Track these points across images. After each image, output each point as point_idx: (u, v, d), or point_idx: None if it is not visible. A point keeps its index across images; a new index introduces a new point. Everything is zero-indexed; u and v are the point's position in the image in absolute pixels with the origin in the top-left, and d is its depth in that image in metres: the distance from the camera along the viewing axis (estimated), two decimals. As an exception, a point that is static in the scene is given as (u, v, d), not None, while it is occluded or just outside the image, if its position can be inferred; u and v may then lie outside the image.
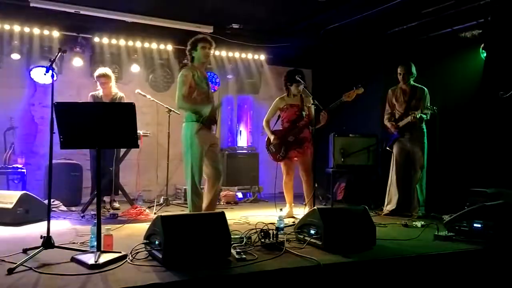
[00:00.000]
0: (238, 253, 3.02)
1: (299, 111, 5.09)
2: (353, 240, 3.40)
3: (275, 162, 5.26)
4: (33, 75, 5.95)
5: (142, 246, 3.09)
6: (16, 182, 5.49)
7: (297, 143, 5.06)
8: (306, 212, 4.14)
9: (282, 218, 4.03)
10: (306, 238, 3.46)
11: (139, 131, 4.33)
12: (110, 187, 5.34)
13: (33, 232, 3.88)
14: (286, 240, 3.46)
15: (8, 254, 2.97)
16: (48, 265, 2.77)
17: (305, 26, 6.22)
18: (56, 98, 3.09)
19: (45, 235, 3.00)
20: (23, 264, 2.70)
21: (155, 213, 5.00)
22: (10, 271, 2.58)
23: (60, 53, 3.40)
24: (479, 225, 3.78)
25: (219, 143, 4.56)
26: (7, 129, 5.70)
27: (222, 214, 3.19)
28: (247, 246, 3.29)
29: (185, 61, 6.76)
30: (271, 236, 3.40)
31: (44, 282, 2.48)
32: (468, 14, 5.30)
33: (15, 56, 5.84)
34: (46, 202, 4.28)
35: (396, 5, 5.37)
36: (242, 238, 3.40)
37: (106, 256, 2.85)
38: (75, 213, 5.06)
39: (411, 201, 5.28)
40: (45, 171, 5.91)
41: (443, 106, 5.44)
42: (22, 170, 5.45)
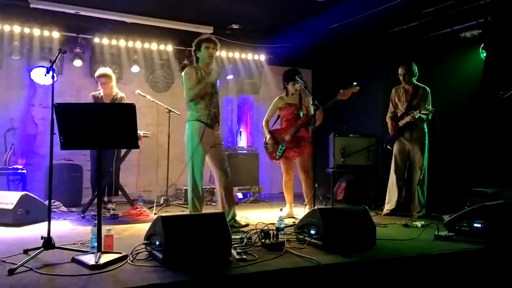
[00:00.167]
0: (239, 254, 3.02)
1: (297, 110, 5.10)
2: (353, 240, 3.40)
3: (276, 163, 5.28)
4: (33, 76, 5.95)
5: (143, 247, 3.09)
6: (17, 183, 5.49)
7: (295, 143, 5.07)
8: (306, 212, 4.15)
9: (282, 218, 4.04)
10: (307, 238, 3.46)
11: (139, 132, 4.32)
12: (110, 188, 5.34)
13: (34, 233, 3.88)
14: (286, 240, 3.46)
15: (9, 255, 2.97)
16: (49, 266, 2.78)
17: (305, 26, 6.22)
18: (56, 99, 3.10)
19: (46, 236, 3.00)
20: (24, 265, 2.70)
21: (155, 214, 5.00)
22: (11, 272, 2.59)
23: (61, 54, 3.40)
24: (479, 225, 3.78)
25: (223, 143, 4.53)
26: (8, 130, 5.71)
27: (222, 215, 3.20)
28: (248, 247, 3.29)
29: (185, 62, 6.78)
30: (272, 237, 3.40)
31: (45, 283, 2.49)
32: (468, 14, 5.29)
33: (15, 57, 5.84)
34: (47, 203, 4.28)
35: (396, 5, 5.37)
36: (243, 239, 3.40)
37: (107, 257, 2.85)
38: (76, 214, 5.06)
39: (411, 201, 5.28)
40: (46, 172, 5.92)
41: (443, 106, 5.45)
42: (23, 171, 5.45)
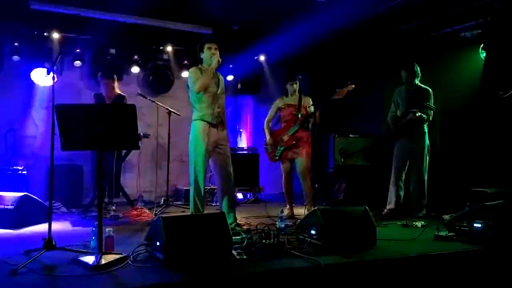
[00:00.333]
0: (239, 254, 3.03)
1: (296, 111, 5.10)
2: (354, 240, 3.40)
3: (276, 163, 5.28)
4: (33, 77, 5.95)
5: (143, 248, 3.10)
6: (17, 184, 5.49)
7: (293, 143, 5.06)
8: (307, 213, 4.15)
9: (283, 219, 4.04)
10: (307, 239, 3.47)
11: (140, 133, 4.33)
12: (110, 189, 5.32)
13: (35, 234, 3.88)
14: (287, 241, 3.46)
15: (10, 256, 2.98)
16: (50, 267, 2.78)
17: (305, 27, 6.22)
18: (56, 100, 3.11)
19: (47, 237, 3.00)
20: (26, 266, 2.71)
21: (156, 214, 5.01)
22: (13, 273, 2.60)
23: (61, 55, 3.41)
24: (480, 225, 3.78)
25: (229, 144, 4.51)
26: (8, 131, 5.71)
27: (223, 215, 3.20)
28: (248, 247, 3.27)
29: (185, 62, 6.79)
30: (272, 237, 3.41)
31: (46, 284, 2.49)
32: (468, 14, 5.30)
33: (16, 58, 5.84)
34: (47, 204, 4.29)
35: (396, 6, 5.38)
36: (243, 239, 3.40)
37: (108, 258, 2.86)
38: (76, 215, 5.06)
39: (412, 201, 5.29)
40: (46, 173, 5.92)
41: (443, 106, 5.45)
42: (23, 172, 5.46)
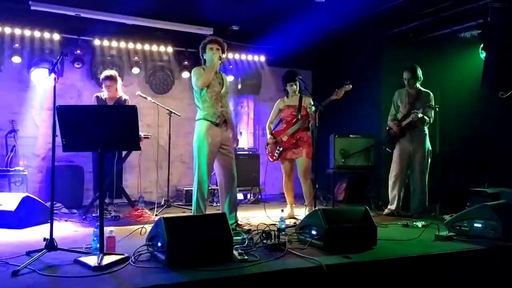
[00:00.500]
0: (240, 254, 3.04)
1: (295, 112, 5.12)
2: (354, 241, 3.41)
3: (277, 163, 5.29)
4: (33, 78, 5.95)
5: (145, 248, 3.11)
6: (18, 185, 5.50)
7: (292, 144, 5.07)
8: (307, 213, 4.16)
9: (284, 219, 4.05)
10: (308, 239, 3.47)
11: (140, 133, 4.33)
12: (111, 190, 5.32)
13: (36, 235, 3.88)
14: (288, 241, 3.47)
15: (12, 257, 2.99)
16: (52, 267, 2.79)
17: (305, 27, 6.23)
18: (57, 101, 3.12)
19: (48, 237, 3.01)
20: (27, 267, 2.72)
21: (157, 215, 5.01)
22: (15, 274, 2.61)
23: (62, 56, 3.40)
24: (480, 225, 3.80)
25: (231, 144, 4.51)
26: (9, 132, 5.71)
27: (224, 216, 3.21)
28: (249, 247, 3.30)
29: (185, 63, 6.80)
30: (273, 237, 3.42)
31: (48, 284, 2.50)
32: (467, 15, 5.31)
33: (16, 59, 5.84)
34: (48, 205, 4.31)
35: (396, 6, 5.38)
36: (244, 239, 3.41)
37: (109, 258, 2.87)
38: (77, 215, 5.06)
39: (412, 202, 5.30)
40: (46, 174, 5.93)
41: (443, 106, 5.47)
42: (24, 173, 5.47)
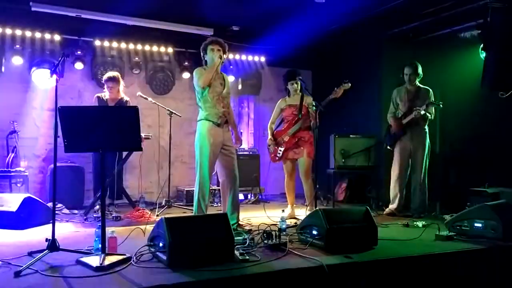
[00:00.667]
0: (242, 254, 3.05)
1: (296, 111, 5.12)
2: (355, 241, 3.42)
3: (277, 163, 5.30)
4: (34, 79, 5.96)
5: (146, 248, 3.12)
6: (19, 186, 5.51)
7: (294, 144, 5.08)
8: (308, 213, 4.17)
9: (284, 219, 4.06)
10: (309, 239, 3.48)
11: (141, 134, 4.34)
12: (112, 191, 5.33)
13: (37, 235, 3.90)
14: (289, 241, 3.48)
15: (14, 257, 3.00)
16: (54, 268, 2.80)
17: (305, 27, 6.24)
18: (57, 102, 3.13)
19: (50, 238, 3.02)
20: (29, 267, 2.73)
21: (158, 215, 5.02)
22: (17, 274, 2.62)
23: (63, 57, 3.40)
24: (480, 225, 3.80)
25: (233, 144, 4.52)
26: (10, 133, 5.72)
27: (225, 216, 3.22)
28: (250, 247, 3.31)
29: (186, 64, 6.81)
30: (274, 237, 3.43)
31: (51, 285, 2.51)
32: (467, 15, 5.32)
33: (17, 60, 5.85)
34: (49, 205, 4.32)
35: (396, 6, 5.39)
36: (245, 239, 3.42)
37: (111, 259, 2.88)
38: (78, 216, 5.08)
39: (412, 201, 5.31)
40: (48, 174, 5.94)
41: (443, 106, 5.47)
42: (25, 174, 5.48)
